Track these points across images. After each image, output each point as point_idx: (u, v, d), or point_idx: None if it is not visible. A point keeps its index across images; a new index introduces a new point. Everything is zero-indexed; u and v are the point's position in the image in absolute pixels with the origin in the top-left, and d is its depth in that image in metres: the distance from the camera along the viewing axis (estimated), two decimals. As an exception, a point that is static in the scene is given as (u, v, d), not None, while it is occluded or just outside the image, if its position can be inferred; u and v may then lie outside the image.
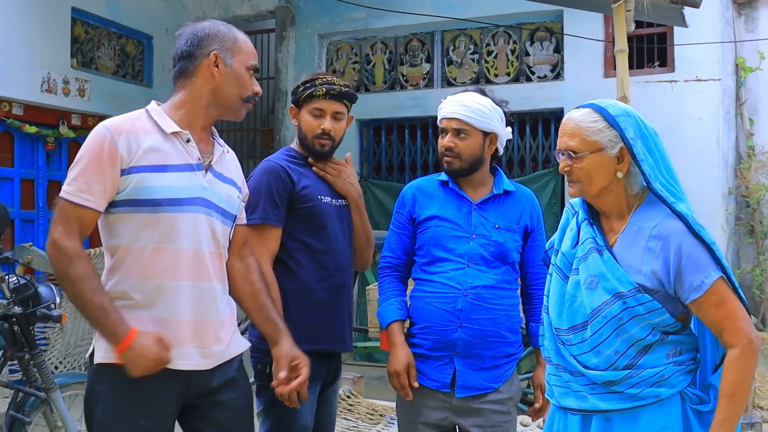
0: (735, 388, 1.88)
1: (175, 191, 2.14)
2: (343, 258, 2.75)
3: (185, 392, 2.20)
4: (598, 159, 1.98)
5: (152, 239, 2.13)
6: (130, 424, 2.14)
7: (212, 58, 2.21)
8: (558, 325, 2.06)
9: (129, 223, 2.13)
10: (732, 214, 7.29)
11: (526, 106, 7.45)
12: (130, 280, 2.14)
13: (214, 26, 2.27)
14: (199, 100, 2.24)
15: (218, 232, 2.25)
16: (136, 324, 2.08)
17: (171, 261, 2.14)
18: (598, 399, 1.96)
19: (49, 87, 6.84)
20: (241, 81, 2.25)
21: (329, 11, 8.35)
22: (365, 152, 8.49)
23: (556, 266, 2.11)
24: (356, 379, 4.70)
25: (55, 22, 6.92)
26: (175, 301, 2.15)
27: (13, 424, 3.54)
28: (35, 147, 7.00)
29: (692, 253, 1.89)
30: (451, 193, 2.69)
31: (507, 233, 2.64)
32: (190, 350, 2.17)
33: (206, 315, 2.20)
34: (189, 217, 2.16)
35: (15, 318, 3.47)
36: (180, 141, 2.20)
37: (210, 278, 2.21)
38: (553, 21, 7.72)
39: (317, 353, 2.65)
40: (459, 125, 2.62)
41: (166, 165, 2.15)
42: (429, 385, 2.62)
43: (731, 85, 7.37)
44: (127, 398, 2.13)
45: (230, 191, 2.31)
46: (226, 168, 2.33)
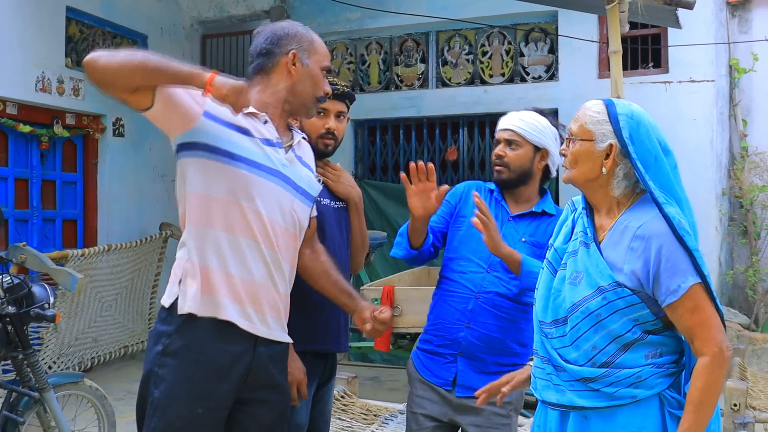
0: (702, 396, 1.86)
1: (254, 155, 2.17)
2: (340, 260, 2.76)
3: (244, 382, 2.20)
4: (587, 148, 2.01)
5: (227, 191, 2.14)
6: (188, 409, 2.13)
7: (290, 56, 2.30)
8: (542, 318, 2.08)
9: (205, 170, 2.14)
10: (725, 215, 7.32)
11: (520, 107, 7.33)
12: (199, 228, 2.15)
13: (293, 27, 2.37)
14: (276, 95, 2.32)
15: (297, 212, 2.29)
16: (203, 278, 2.12)
17: (242, 217, 2.15)
18: (576, 395, 1.97)
19: (43, 86, 6.82)
20: (315, 80, 2.34)
21: (324, 11, 8.35)
22: (360, 152, 8.50)
23: (547, 260, 2.14)
24: (350, 379, 4.70)
25: (50, 21, 6.90)
26: (241, 258, 2.16)
27: (7, 423, 3.54)
28: (29, 146, 6.98)
29: (672, 256, 1.89)
30: (493, 201, 2.76)
31: (531, 248, 2.66)
32: (249, 311, 2.18)
33: (269, 281, 2.21)
34: (268, 185, 2.19)
35: (8, 318, 3.47)
36: (258, 121, 2.24)
37: (277, 249, 2.22)
38: (547, 22, 7.74)
39: (313, 353, 2.67)
40: (511, 136, 2.71)
41: (247, 129, 2.18)
42: (433, 381, 2.69)
43: (725, 86, 7.40)
44: (189, 383, 2.13)
45: (310, 174, 2.38)
46: (305, 154, 2.41)
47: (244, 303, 2.17)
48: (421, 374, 2.74)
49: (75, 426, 4.05)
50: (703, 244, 2.02)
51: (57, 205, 7.26)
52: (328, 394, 2.88)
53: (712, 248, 6.89)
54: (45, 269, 5.00)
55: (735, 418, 3.69)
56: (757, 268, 7.18)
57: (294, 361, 2.52)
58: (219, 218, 2.15)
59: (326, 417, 2.89)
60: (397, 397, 5.74)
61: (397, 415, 4.43)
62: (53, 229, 7.24)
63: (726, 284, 7.25)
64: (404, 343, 5.61)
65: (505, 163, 2.69)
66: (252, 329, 2.19)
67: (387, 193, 8.04)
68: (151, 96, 2.07)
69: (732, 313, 6.98)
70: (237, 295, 2.16)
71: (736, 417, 3.73)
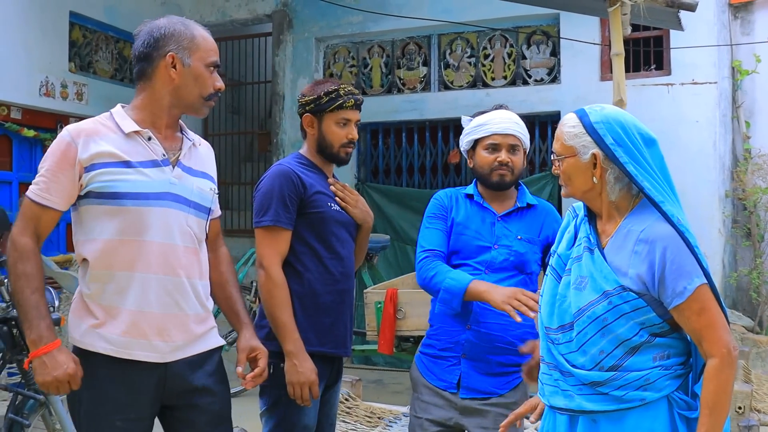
0: (716, 398, 1.86)
1: (138, 186, 2.16)
2: (348, 264, 2.80)
3: (162, 391, 2.22)
4: (574, 163, 2.02)
5: (118, 231, 2.16)
6: (108, 425, 2.17)
7: (169, 59, 2.21)
8: (548, 324, 2.08)
9: (95, 217, 2.17)
10: (729, 217, 7.30)
11: (522, 110, 7.44)
12: (99, 271, 2.17)
13: (170, 25, 2.26)
14: (160, 101, 2.25)
15: (193, 227, 2.27)
16: (106, 316, 2.15)
17: (138, 253, 2.17)
18: (584, 399, 1.97)
19: (47, 91, 6.85)
20: (200, 80, 2.25)
21: (326, 15, 8.36)
22: (363, 155, 8.50)
23: (551, 267, 2.14)
24: (354, 382, 4.71)
25: (53, 26, 6.93)
26: (142, 293, 2.17)
27: (12, 426, 3.55)
28: (33, 151, 7.00)
29: (676, 258, 1.88)
30: (476, 205, 2.77)
31: (528, 245, 2.71)
32: (156, 343, 2.19)
33: (174, 308, 2.22)
34: (157, 212, 2.18)
35: (14, 321, 3.48)
36: (141, 139, 2.22)
37: (179, 272, 2.22)
38: (549, 24, 7.74)
39: (320, 355, 2.68)
40: (514, 141, 2.74)
41: (128, 161, 2.17)
42: (437, 385, 2.69)
43: (727, 88, 7.40)
44: (104, 399, 2.16)
45: (201, 184, 2.32)
46: (196, 161, 2.34)
47: (148, 336, 2.18)
48: (425, 378, 2.74)
49: (79, 429, 4.06)
50: (707, 247, 2.03)
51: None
52: (334, 396, 2.90)
53: (716, 251, 6.87)
54: (49, 273, 5.02)
55: (740, 421, 3.68)
56: (761, 271, 7.17)
57: (305, 362, 2.54)
58: (116, 259, 2.17)
59: (332, 419, 2.90)
60: (400, 400, 5.74)
61: (401, 417, 4.43)
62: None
63: (730, 287, 7.24)
64: (407, 346, 5.60)
65: (510, 168, 2.72)
66: (159, 359, 2.20)
67: (390, 196, 8.04)
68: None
69: (736, 315, 6.96)
70: (139, 330, 2.17)
71: (741, 420, 3.72)
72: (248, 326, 2.44)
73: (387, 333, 5.15)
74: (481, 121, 2.77)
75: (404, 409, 4.61)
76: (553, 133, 2.77)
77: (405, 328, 5.14)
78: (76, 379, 2.11)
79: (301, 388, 2.54)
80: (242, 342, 2.41)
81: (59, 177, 2.15)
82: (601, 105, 2.08)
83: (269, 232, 2.65)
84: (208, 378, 2.31)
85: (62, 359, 2.09)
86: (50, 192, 2.15)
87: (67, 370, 2.09)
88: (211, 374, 2.33)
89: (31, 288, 2.12)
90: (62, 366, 2.08)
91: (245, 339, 2.41)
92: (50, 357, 2.09)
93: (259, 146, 9.77)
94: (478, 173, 2.78)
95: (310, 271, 2.70)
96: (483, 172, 2.75)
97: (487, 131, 2.74)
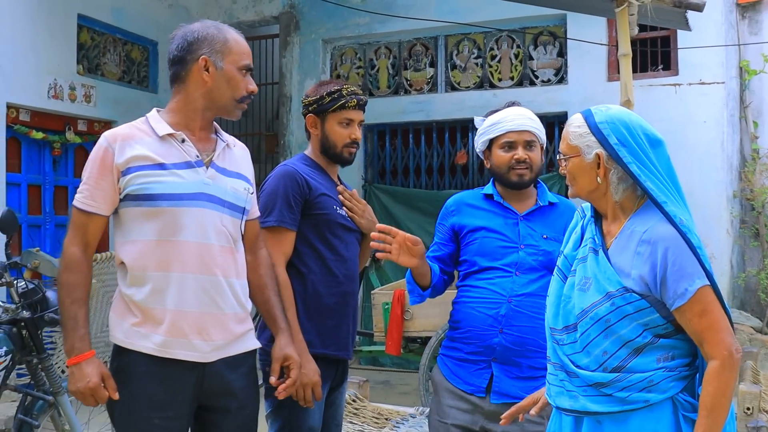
0: (714, 401, 1.85)
1: (173, 187, 2.20)
2: (352, 266, 2.81)
3: (199, 390, 2.24)
4: (578, 163, 2.03)
5: (155, 232, 2.20)
6: (146, 423, 2.19)
7: (201, 63, 2.25)
8: (553, 325, 2.09)
9: (133, 218, 2.22)
10: (737, 218, 7.28)
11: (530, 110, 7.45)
12: (137, 272, 2.21)
13: (203, 29, 2.29)
14: (194, 104, 2.29)
15: (228, 227, 2.30)
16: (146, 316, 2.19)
17: (175, 253, 2.20)
18: (588, 400, 1.97)
19: (55, 93, 6.88)
20: (233, 83, 2.29)
21: (333, 17, 8.38)
22: (369, 157, 8.52)
23: (558, 268, 2.14)
24: (362, 383, 4.71)
25: (62, 29, 6.96)
26: (180, 292, 2.20)
27: (22, 427, 3.56)
28: (42, 153, 7.04)
29: (678, 259, 1.87)
30: (496, 206, 2.73)
31: (555, 243, 2.64)
32: (196, 342, 2.21)
33: (212, 308, 2.24)
34: (192, 212, 2.21)
35: (23, 322, 3.49)
36: (176, 141, 2.25)
37: (216, 271, 2.25)
38: (556, 25, 7.74)
39: (324, 357, 2.69)
40: (530, 137, 2.70)
41: (162, 163, 2.21)
42: (464, 388, 2.64)
43: (735, 88, 7.37)
44: (142, 397, 2.19)
45: (236, 184, 2.35)
46: (231, 162, 2.37)
47: (188, 335, 2.20)
48: (450, 382, 2.67)
49: (88, 429, 4.08)
50: (715, 248, 2.03)
51: (69, 211, 7.30)
52: (339, 397, 2.90)
53: (724, 251, 6.85)
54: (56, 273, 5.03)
55: (748, 422, 3.67)
56: (769, 271, 7.15)
57: (308, 363, 2.54)
58: (153, 260, 2.20)
59: (338, 420, 2.91)
60: (407, 401, 5.75)
61: (408, 419, 4.43)
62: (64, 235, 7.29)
63: (738, 287, 7.22)
64: (414, 346, 5.61)
65: (528, 165, 2.68)
66: (200, 359, 2.23)
67: (397, 197, 8.04)
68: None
69: (744, 316, 6.94)
70: (179, 330, 2.20)
71: (749, 421, 3.71)
72: (284, 333, 2.46)
73: (394, 334, 5.17)
74: (495, 120, 2.73)
75: (411, 410, 4.61)
76: (560, 133, 2.76)
77: (412, 329, 5.15)
78: (99, 393, 2.15)
79: (304, 389, 2.54)
80: (277, 350, 2.43)
81: (101, 183, 2.21)
82: (608, 105, 2.08)
83: (273, 233, 2.65)
84: (243, 380, 2.33)
85: (88, 372, 2.14)
86: (94, 198, 2.21)
87: (89, 384, 2.13)
88: (246, 376, 2.35)
89: (71, 298, 2.18)
90: (86, 379, 2.13)
91: (279, 347, 2.43)
92: (78, 368, 2.15)
93: (266, 148, 9.79)
94: (496, 173, 2.73)
95: (313, 273, 2.70)
96: (501, 172, 2.70)
97: (502, 129, 2.70)
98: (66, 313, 2.18)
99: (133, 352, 2.20)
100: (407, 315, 5.17)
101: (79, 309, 2.18)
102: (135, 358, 2.20)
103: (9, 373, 3.52)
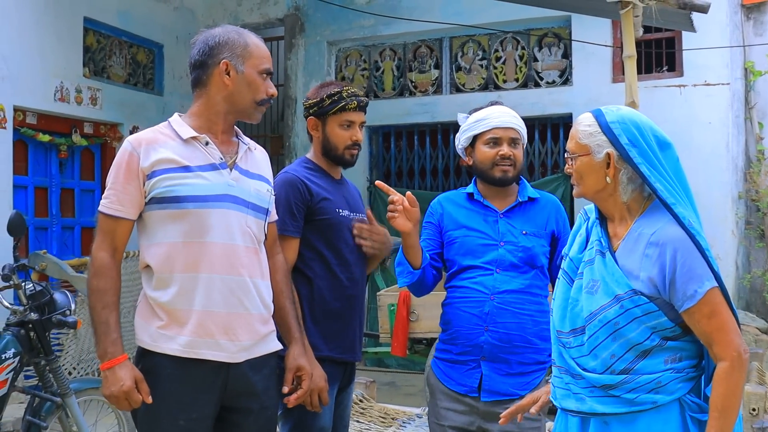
0: (725, 402, 1.86)
1: (199, 189, 2.23)
2: (357, 270, 2.80)
3: (224, 391, 2.26)
4: (587, 162, 2.02)
5: (181, 234, 2.22)
6: (171, 423, 2.21)
7: (222, 66, 2.28)
8: (560, 328, 2.08)
9: (159, 221, 2.24)
10: (742, 219, 7.27)
11: (534, 112, 7.46)
12: (164, 275, 2.22)
13: (224, 33, 2.33)
14: (215, 107, 2.32)
15: (252, 227, 2.32)
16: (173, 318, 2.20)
17: (201, 255, 2.22)
18: (596, 402, 1.97)
19: (62, 96, 6.91)
20: (254, 86, 2.32)
21: (338, 19, 8.40)
22: (375, 158, 8.53)
23: (563, 270, 2.14)
24: (368, 383, 4.74)
25: (68, 31, 6.99)
26: (207, 293, 2.22)
27: (30, 428, 3.59)
28: (48, 155, 7.07)
29: (687, 261, 1.88)
30: (477, 205, 2.76)
31: (534, 239, 2.69)
32: (223, 342, 2.23)
33: (239, 308, 2.26)
34: (218, 213, 2.24)
35: (31, 324, 3.51)
36: (199, 144, 2.28)
37: (242, 272, 2.27)
38: (561, 27, 7.74)
39: (332, 360, 2.70)
40: (515, 135, 2.72)
41: (188, 166, 2.24)
42: (457, 389, 2.66)
43: (740, 89, 7.37)
44: (167, 398, 2.20)
45: (259, 186, 2.38)
46: (253, 164, 2.41)
47: (215, 335, 2.22)
48: (444, 384, 2.70)
49: (96, 431, 4.10)
50: (720, 249, 2.03)
51: (76, 213, 7.34)
52: (347, 399, 2.92)
53: (729, 252, 6.85)
54: (65, 276, 5.06)
55: (754, 423, 3.68)
56: (775, 272, 7.14)
57: (315, 368, 2.55)
58: (180, 261, 2.22)
59: (345, 421, 2.92)
60: (413, 401, 5.76)
61: (414, 419, 4.45)
62: (72, 237, 7.32)
63: (743, 288, 7.21)
64: (420, 348, 5.61)
65: (513, 162, 2.69)
66: (227, 359, 2.24)
67: (402, 198, 8.04)
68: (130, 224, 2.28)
69: (750, 317, 6.93)
70: (206, 330, 2.21)
71: (755, 422, 3.72)
72: (298, 342, 2.48)
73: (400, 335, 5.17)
74: (481, 116, 2.75)
75: (417, 410, 4.63)
76: (565, 135, 2.77)
77: (418, 330, 5.15)
78: (133, 396, 2.16)
79: (311, 394, 2.55)
80: (290, 360, 2.46)
81: (127, 187, 2.23)
82: (618, 106, 2.08)
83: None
84: (265, 381, 2.35)
85: (121, 375, 2.15)
86: (122, 203, 2.23)
87: (123, 387, 2.14)
88: (269, 378, 2.37)
89: (102, 303, 2.19)
90: (119, 383, 2.14)
91: (293, 357, 2.46)
92: (112, 372, 2.16)
93: (271, 149, 9.80)
94: (479, 170, 2.76)
95: (319, 278, 2.71)
96: (484, 168, 2.73)
97: (488, 125, 2.72)
98: (97, 318, 2.19)
99: (159, 354, 2.22)
100: (413, 316, 5.17)
101: (110, 314, 2.19)
102: (160, 360, 2.22)
103: (17, 374, 3.54)
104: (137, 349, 2.29)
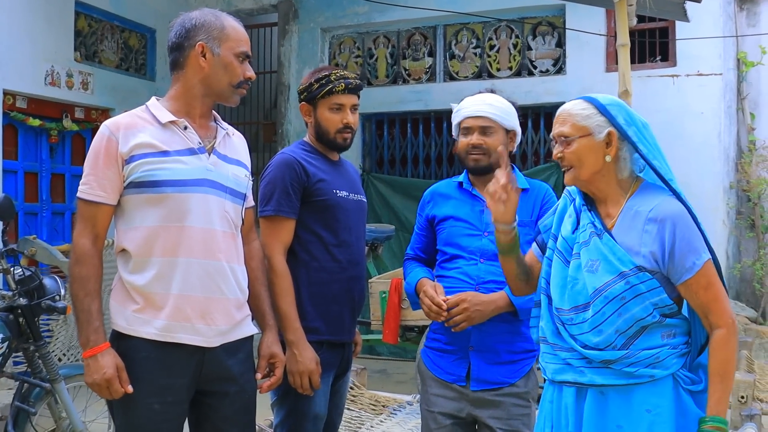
0: (726, 366, 1.98)
1: (177, 173, 2.22)
2: (356, 251, 2.80)
3: (198, 375, 2.26)
4: (587, 143, 2.07)
5: (160, 218, 2.21)
6: (145, 407, 2.21)
7: (198, 49, 2.27)
8: (560, 305, 2.11)
9: (137, 205, 2.22)
10: (733, 209, 7.30)
11: (528, 101, 7.46)
12: (142, 258, 2.22)
13: (201, 16, 2.32)
14: (192, 90, 2.31)
15: (230, 212, 2.32)
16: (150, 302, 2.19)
17: (180, 239, 2.21)
18: (595, 373, 2.03)
19: (52, 80, 6.86)
20: (230, 69, 2.31)
21: (332, 5, 8.36)
22: (368, 146, 8.51)
23: (558, 250, 2.17)
24: (359, 370, 4.74)
25: (59, 15, 6.94)
26: (185, 277, 2.21)
27: (19, 414, 3.57)
28: (39, 140, 7.02)
29: (686, 234, 1.98)
30: (465, 194, 2.74)
31: (519, 228, 2.65)
32: (199, 326, 2.23)
33: (216, 293, 2.26)
34: (197, 198, 2.23)
35: (20, 309, 3.50)
36: (178, 128, 2.27)
37: (219, 257, 2.27)
38: (555, 15, 7.73)
39: (330, 343, 2.69)
40: (486, 123, 2.67)
41: (166, 150, 2.23)
42: (446, 378, 2.66)
43: (733, 79, 7.38)
44: (142, 382, 2.20)
45: (237, 171, 2.38)
46: (231, 149, 2.40)
47: (192, 319, 2.22)
48: (433, 372, 2.71)
49: (85, 417, 4.09)
50: (710, 238, 2.07)
51: (66, 199, 7.30)
52: (343, 387, 2.91)
53: (720, 242, 6.87)
54: (55, 262, 5.04)
55: (742, 410, 3.70)
56: (765, 262, 7.17)
57: (305, 351, 2.55)
58: (158, 245, 2.21)
59: (340, 409, 2.93)
60: (404, 389, 5.77)
61: (405, 406, 4.46)
62: (62, 222, 7.29)
63: (734, 278, 7.25)
64: (412, 335, 5.62)
65: (484, 150, 2.65)
66: (203, 343, 2.24)
67: (394, 186, 8.04)
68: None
69: (739, 306, 6.97)
70: (183, 314, 2.21)
71: (744, 409, 3.74)
72: (272, 329, 2.48)
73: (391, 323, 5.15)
74: (458, 107, 2.75)
75: (408, 397, 4.64)
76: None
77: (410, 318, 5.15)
78: (114, 386, 2.16)
79: (301, 377, 2.55)
80: (264, 347, 2.46)
81: (106, 173, 2.22)
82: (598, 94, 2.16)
83: (272, 222, 2.65)
84: (240, 366, 2.35)
85: (103, 363, 2.15)
86: (102, 189, 2.22)
87: (105, 375, 2.14)
88: (244, 362, 2.37)
89: (84, 291, 2.19)
90: (101, 371, 2.14)
91: (267, 344, 2.46)
92: (94, 360, 2.16)
93: (264, 136, 9.77)
94: (459, 159, 2.76)
95: (317, 260, 2.70)
96: (461, 157, 2.73)
97: (461, 116, 2.72)
98: (79, 306, 2.19)
99: (134, 338, 2.21)
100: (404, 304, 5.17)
101: (92, 301, 2.19)
102: (135, 344, 2.21)
103: (6, 360, 3.52)
104: (111, 332, 2.27)
